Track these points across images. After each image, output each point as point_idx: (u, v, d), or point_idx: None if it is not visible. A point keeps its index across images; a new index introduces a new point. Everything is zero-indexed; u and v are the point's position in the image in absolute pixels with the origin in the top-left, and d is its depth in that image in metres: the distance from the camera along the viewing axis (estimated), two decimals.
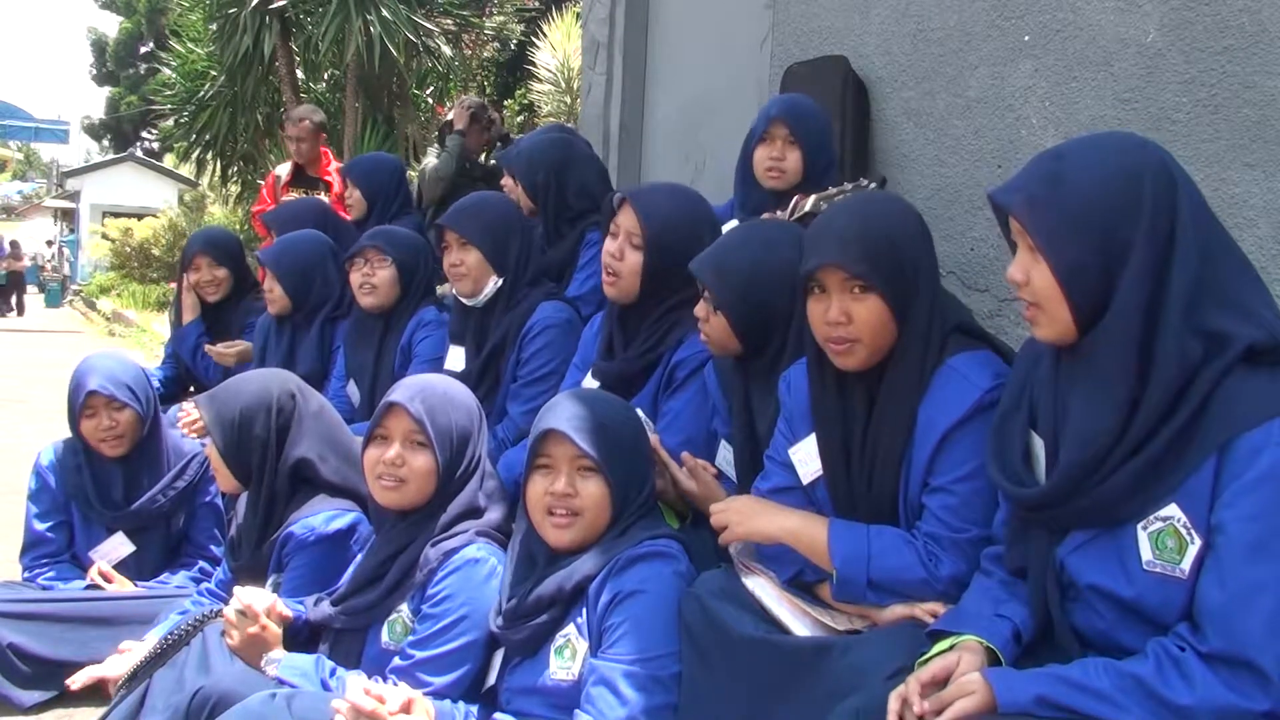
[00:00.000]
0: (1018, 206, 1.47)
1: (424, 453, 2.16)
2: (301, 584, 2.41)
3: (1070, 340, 1.49)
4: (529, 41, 11.87)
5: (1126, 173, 1.43)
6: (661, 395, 2.48)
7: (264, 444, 2.52)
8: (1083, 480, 1.45)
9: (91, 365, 3.03)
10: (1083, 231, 1.43)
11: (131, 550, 3.00)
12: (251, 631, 2.17)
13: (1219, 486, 1.37)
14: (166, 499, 3.02)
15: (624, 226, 2.50)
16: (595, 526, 1.99)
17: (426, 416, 2.15)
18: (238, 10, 10.13)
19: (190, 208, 18.75)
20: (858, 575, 1.78)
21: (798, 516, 1.89)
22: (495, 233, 3.00)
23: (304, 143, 5.88)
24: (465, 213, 3.05)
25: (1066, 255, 1.44)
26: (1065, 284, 1.44)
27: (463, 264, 2.99)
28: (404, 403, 2.16)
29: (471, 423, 2.23)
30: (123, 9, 31.39)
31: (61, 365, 9.90)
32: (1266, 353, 1.38)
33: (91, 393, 2.93)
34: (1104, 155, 1.46)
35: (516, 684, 2.01)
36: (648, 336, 2.52)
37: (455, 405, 2.22)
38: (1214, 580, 1.35)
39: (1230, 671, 1.32)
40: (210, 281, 4.11)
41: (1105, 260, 1.42)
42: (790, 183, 2.82)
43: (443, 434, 2.17)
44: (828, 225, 1.87)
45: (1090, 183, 1.44)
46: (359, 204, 4.45)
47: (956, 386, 1.77)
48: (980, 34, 2.94)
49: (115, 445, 2.97)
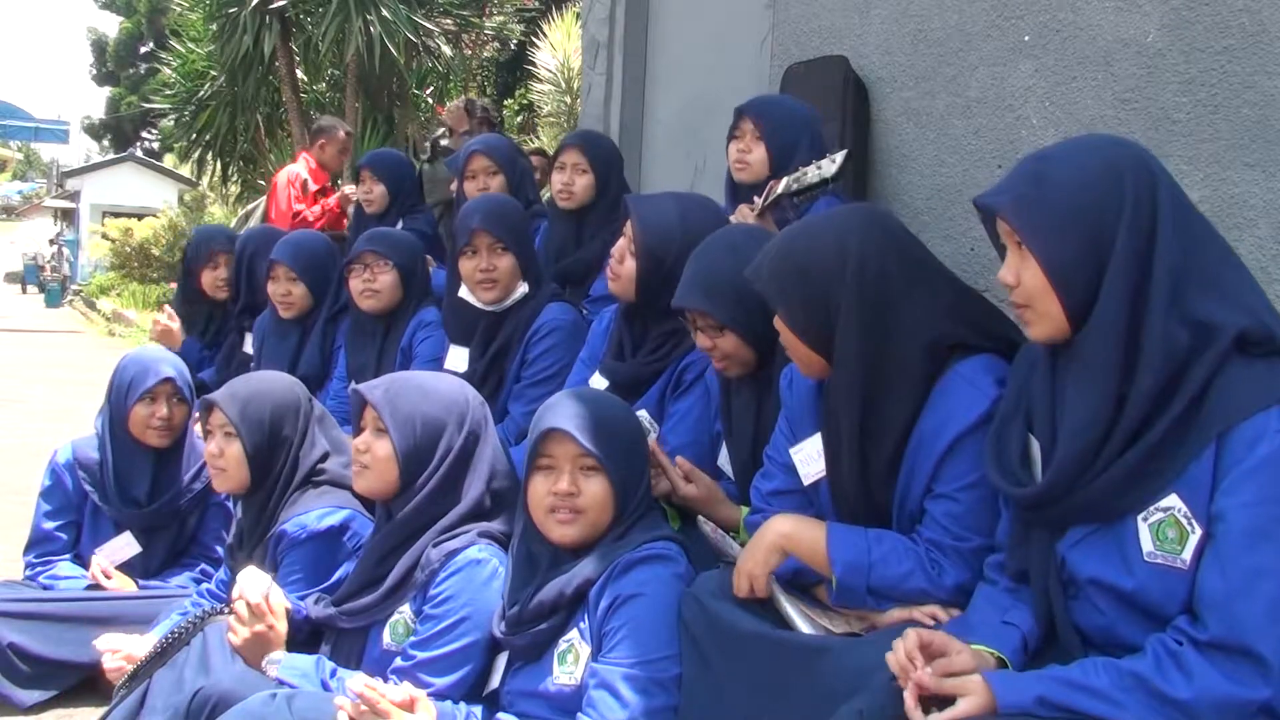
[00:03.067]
0: (1005, 208, 1.51)
1: (384, 439, 2.17)
2: (296, 581, 2.40)
3: (1063, 338, 1.51)
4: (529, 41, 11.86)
5: (1107, 168, 1.47)
6: (669, 397, 2.49)
7: (289, 444, 2.56)
8: (1079, 474, 1.46)
9: (159, 354, 3.10)
10: (1069, 227, 1.46)
11: (137, 551, 3.00)
12: (258, 630, 2.17)
13: (1218, 475, 1.38)
14: (186, 499, 3.02)
15: (629, 232, 2.52)
16: (598, 524, 1.99)
17: (386, 404, 2.18)
18: (238, 10, 10.14)
19: (190, 208, 18.75)
20: (858, 584, 1.76)
21: (792, 521, 1.87)
22: (525, 238, 2.99)
23: (347, 154, 5.89)
24: (496, 216, 2.93)
25: (1055, 252, 1.47)
26: (1055, 280, 1.47)
27: (496, 269, 2.90)
28: (365, 392, 2.21)
29: (447, 415, 2.21)
30: (123, 9, 31.39)
31: (61, 365, 9.95)
32: (1260, 342, 1.40)
33: (167, 379, 2.95)
34: (1085, 153, 1.51)
35: (519, 687, 2.01)
36: (659, 343, 2.52)
37: (428, 395, 2.22)
38: (1214, 567, 1.36)
39: (1229, 660, 1.32)
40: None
41: (1092, 254, 1.45)
42: (756, 175, 2.86)
43: (403, 422, 2.17)
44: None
45: (1073, 179, 1.47)
46: (381, 199, 4.40)
47: (966, 394, 1.75)
48: (980, 34, 2.94)
49: (163, 436, 2.98)
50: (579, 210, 3.44)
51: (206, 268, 4.13)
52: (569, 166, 3.38)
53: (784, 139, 2.84)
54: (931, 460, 1.76)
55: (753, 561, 1.85)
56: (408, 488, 2.19)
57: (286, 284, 3.67)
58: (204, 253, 4.16)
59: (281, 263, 3.67)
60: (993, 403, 1.73)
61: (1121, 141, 1.55)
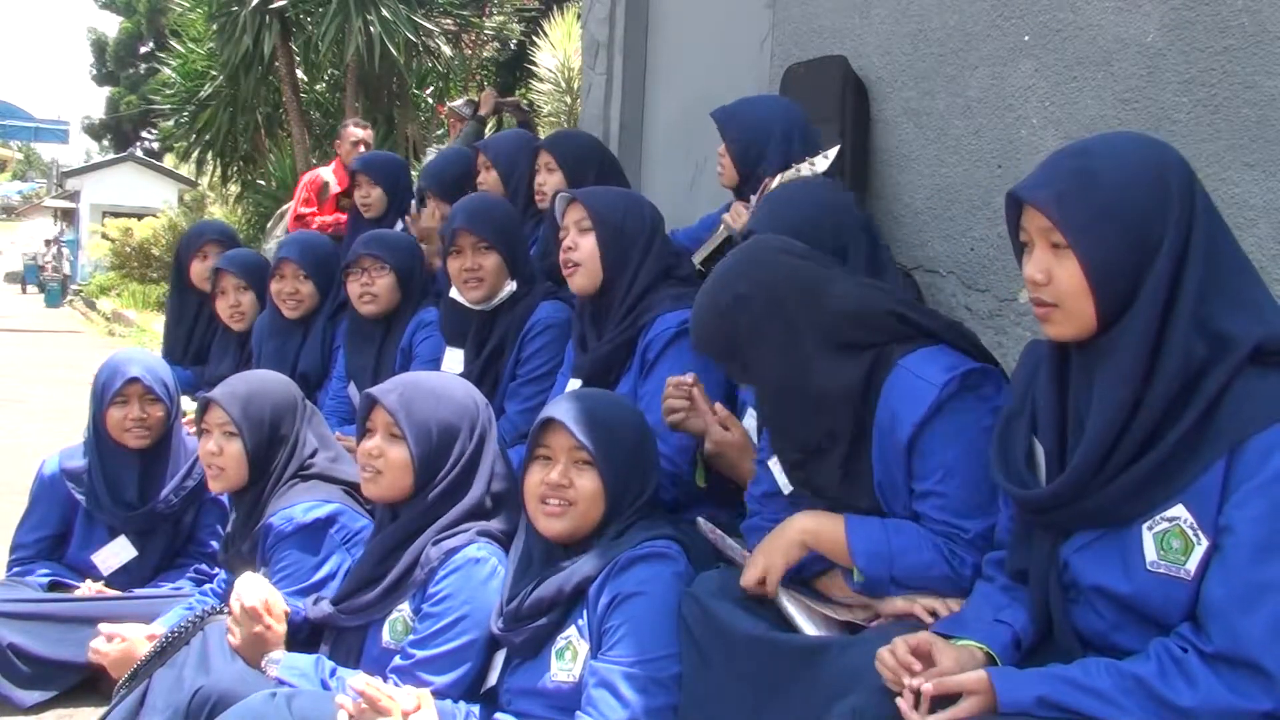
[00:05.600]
0: (1047, 203, 1.45)
1: (399, 445, 2.17)
2: (288, 577, 2.41)
3: (1085, 337, 1.48)
4: (529, 41, 11.85)
5: (1154, 166, 1.44)
6: (638, 380, 2.51)
7: (286, 442, 2.57)
8: (1090, 480, 1.45)
9: (130, 355, 3.08)
10: (1116, 225, 1.42)
11: (133, 555, 2.99)
12: (255, 630, 2.17)
13: (1229, 487, 1.36)
14: (179, 497, 3.01)
15: (571, 220, 2.61)
16: (587, 519, 2.00)
17: (402, 409, 2.17)
18: (238, 10, 10.13)
19: (190, 208, 18.74)
20: (881, 573, 1.78)
21: (814, 517, 1.87)
22: (511, 236, 2.99)
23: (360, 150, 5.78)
24: (482, 216, 2.97)
25: (1099, 250, 1.43)
26: (1095, 280, 1.43)
27: (481, 268, 2.92)
28: (379, 396, 2.19)
29: (460, 420, 2.22)
30: (123, 9, 31.36)
31: (61, 365, 9.94)
32: (1275, 352, 1.38)
33: (133, 379, 2.92)
34: (1129, 151, 1.47)
35: (517, 685, 2.01)
36: (618, 323, 2.56)
37: (441, 401, 2.22)
38: (1220, 580, 1.35)
39: (1233, 672, 1.32)
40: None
41: (1136, 254, 1.42)
42: (730, 179, 2.93)
43: (420, 428, 2.17)
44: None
45: (1122, 177, 1.44)
46: (380, 202, 4.40)
47: (910, 387, 1.77)
48: (980, 34, 2.94)
49: (140, 437, 2.95)
50: None
51: (195, 258, 4.14)
52: (542, 168, 3.42)
53: (744, 143, 2.86)
54: (899, 458, 1.78)
55: (773, 555, 1.86)
56: (420, 492, 2.19)
57: (294, 282, 3.66)
58: (195, 245, 4.18)
59: (290, 261, 3.66)
60: (940, 389, 1.74)
61: (1157, 140, 1.52)
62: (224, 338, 4.01)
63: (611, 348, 2.56)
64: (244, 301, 3.87)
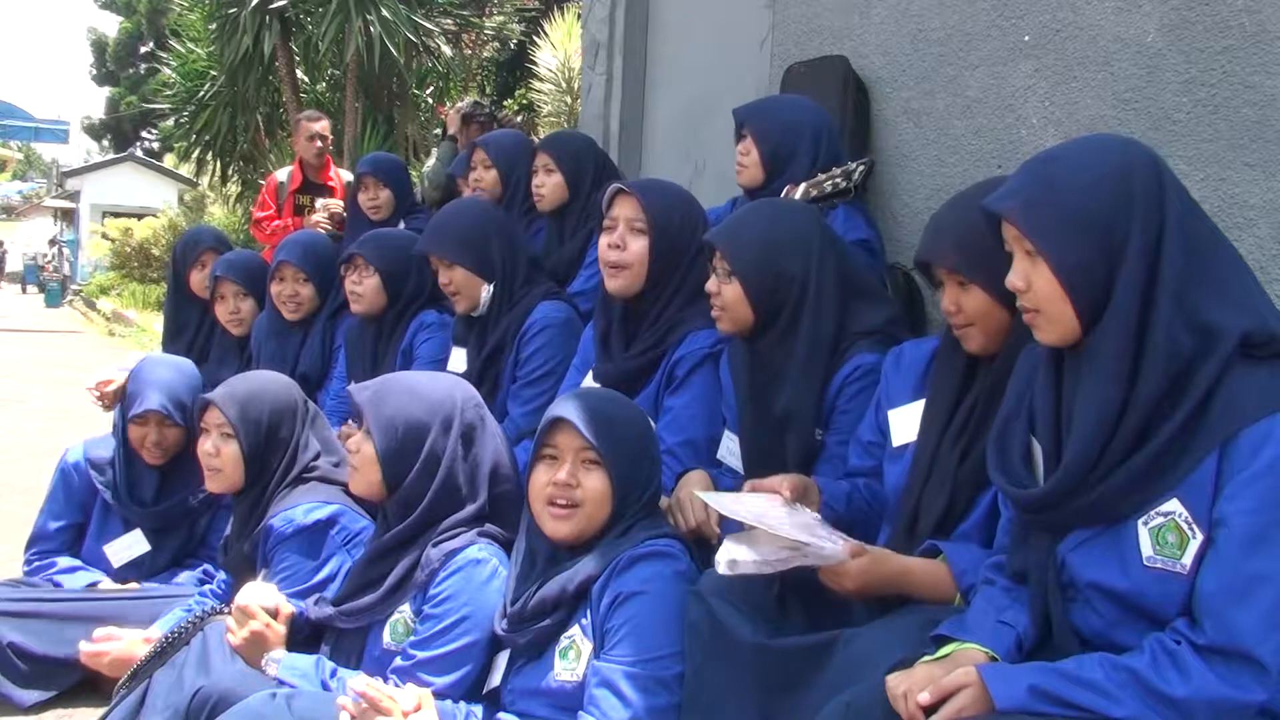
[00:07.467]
0: (1014, 212, 1.49)
1: (369, 440, 2.18)
2: (289, 578, 2.41)
3: (1073, 340, 1.50)
4: (529, 41, 11.84)
5: (1117, 169, 1.47)
6: (663, 393, 2.48)
7: (285, 445, 2.56)
8: (1084, 477, 1.45)
9: (155, 378, 2.99)
10: (1081, 230, 1.45)
11: (146, 550, 3.01)
12: (255, 629, 2.17)
13: (1221, 480, 1.38)
14: (196, 501, 3.03)
15: (623, 216, 2.52)
16: (594, 520, 1.99)
17: (370, 406, 2.19)
18: (238, 10, 10.13)
19: (190, 208, 18.76)
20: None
21: (904, 561, 1.81)
22: (472, 242, 2.98)
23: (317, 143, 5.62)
24: (438, 233, 3.02)
25: (1067, 255, 1.46)
26: (1067, 283, 1.46)
27: (451, 283, 2.97)
28: (355, 393, 2.23)
29: (431, 417, 2.19)
30: (123, 9, 31.36)
31: (61, 365, 9.94)
32: (1263, 345, 1.40)
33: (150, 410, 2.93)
34: (1093, 155, 1.50)
35: (521, 685, 2.01)
36: (650, 335, 2.52)
37: (415, 398, 2.21)
38: (1213, 572, 1.37)
39: (1226, 664, 1.33)
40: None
41: (1104, 256, 1.44)
42: (752, 179, 2.88)
43: (385, 424, 2.17)
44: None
45: (1084, 181, 1.47)
46: (388, 203, 4.38)
47: None
48: (980, 34, 2.94)
49: (155, 457, 3.00)
50: (559, 210, 3.44)
51: (194, 269, 4.13)
52: (540, 169, 3.41)
53: (775, 146, 2.84)
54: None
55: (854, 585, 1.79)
56: (394, 489, 2.19)
57: (294, 285, 3.65)
58: (191, 255, 4.14)
59: (290, 264, 3.64)
60: None
61: (1129, 142, 1.54)
62: (223, 342, 4.01)
63: (639, 363, 2.51)
64: (243, 308, 3.85)
